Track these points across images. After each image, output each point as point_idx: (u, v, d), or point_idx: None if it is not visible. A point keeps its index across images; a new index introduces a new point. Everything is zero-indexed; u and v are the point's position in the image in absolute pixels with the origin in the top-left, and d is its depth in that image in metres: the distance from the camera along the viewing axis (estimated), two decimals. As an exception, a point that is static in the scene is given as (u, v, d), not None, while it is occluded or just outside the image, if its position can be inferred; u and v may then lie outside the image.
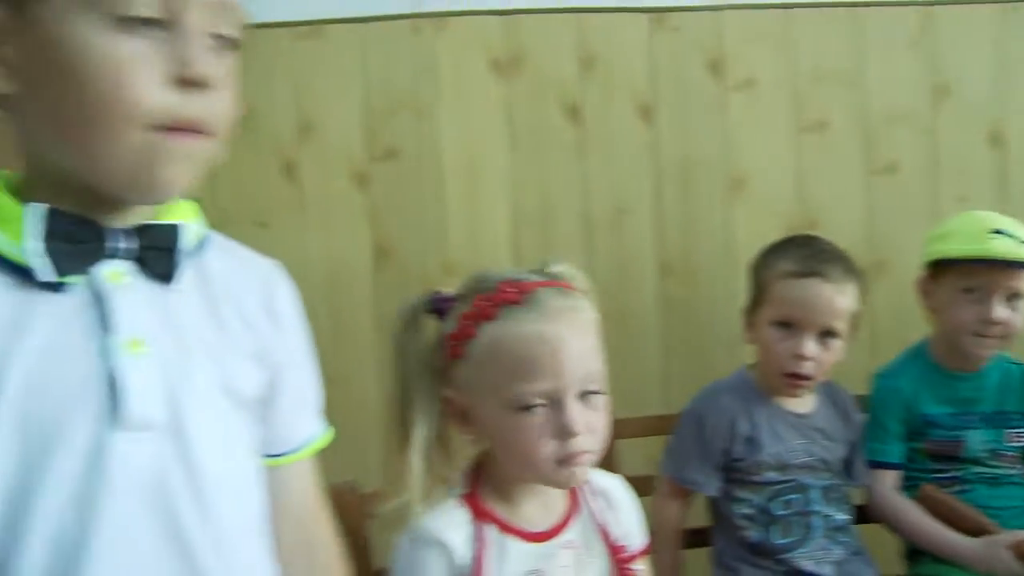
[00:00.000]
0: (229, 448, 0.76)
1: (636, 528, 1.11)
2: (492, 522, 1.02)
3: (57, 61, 0.66)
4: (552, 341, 0.97)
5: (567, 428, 0.96)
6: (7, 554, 0.66)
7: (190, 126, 0.69)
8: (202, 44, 0.69)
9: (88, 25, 0.66)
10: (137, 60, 0.66)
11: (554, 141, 1.97)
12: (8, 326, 0.67)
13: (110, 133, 0.67)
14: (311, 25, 2.00)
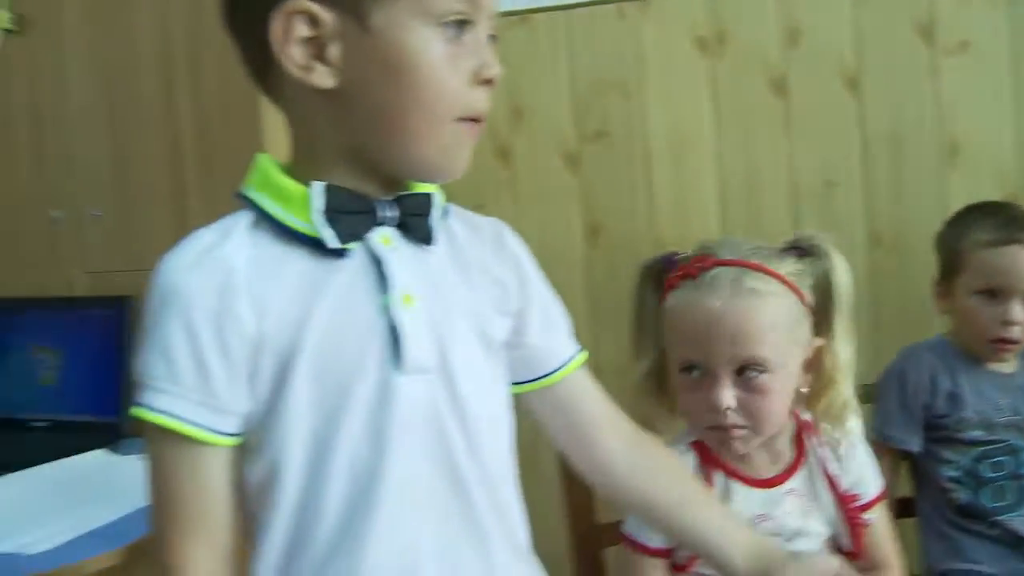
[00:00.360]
0: (486, 387, 0.86)
1: (869, 478, 1.17)
2: (719, 468, 1.12)
3: (392, 61, 0.76)
4: (706, 316, 1.08)
5: (712, 402, 1.08)
6: (315, 486, 0.78)
7: (480, 117, 0.81)
8: (489, 47, 0.80)
9: (420, 31, 0.76)
10: (455, 61, 0.77)
11: (760, 116, 1.99)
12: (309, 290, 0.78)
13: (432, 124, 0.78)
14: (520, 15, 2.11)
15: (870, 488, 1.17)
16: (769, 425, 1.10)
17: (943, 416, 1.50)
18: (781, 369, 1.09)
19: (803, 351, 1.12)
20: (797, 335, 1.11)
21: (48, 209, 1.94)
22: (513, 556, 0.88)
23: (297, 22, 0.75)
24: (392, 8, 0.75)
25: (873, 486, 1.18)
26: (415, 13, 0.76)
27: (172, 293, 0.76)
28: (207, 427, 0.77)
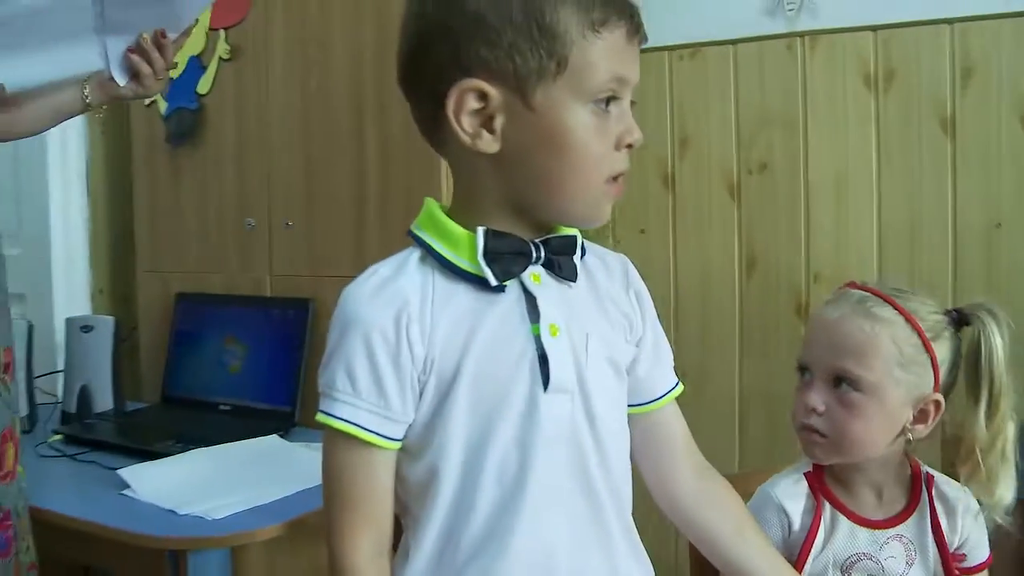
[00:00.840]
0: (614, 405, 0.96)
1: (978, 542, 1.16)
2: (829, 501, 1.15)
3: (550, 132, 0.86)
4: (823, 324, 1.15)
5: (804, 401, 1.14)
6: (468, 487, 0.88)
7: (621, 175, 0.91)
8: (631, 116, 0.90)
9: (575, 109, 0.86)
10: (603, 131, 0.87)
11: (926, 155, 1.97)
12: (470, 319, 0.89)
13: (583, 186, 0.88)
14: (689, 48, 2.17)
15: (977, 552, 1.17)
16: (850, 446, 1.12)
17: None
18: (876, 396, 1.11)
19: (911, 395, 1.12)
20: (907, 375, 1.12)
21: (245, 217, 2.16)
22: (631, 555, 0.97)
23: (470, 97, 0.86)
24: (552, 88, 0.85)
25: (981, 551, 1.17)
26: (572, 93, 0.86)
27: (355, 320, 0.88)
28: (380, 433, 0.88)
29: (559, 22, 0.84)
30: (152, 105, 2.28)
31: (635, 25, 0.89)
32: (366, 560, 0.89)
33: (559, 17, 0.84)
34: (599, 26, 0.85)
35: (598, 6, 0.85)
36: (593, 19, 0.85)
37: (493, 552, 0.88)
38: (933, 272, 1.98)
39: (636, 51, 0.90)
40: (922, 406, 1.13)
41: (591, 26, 0.85)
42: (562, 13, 0.84)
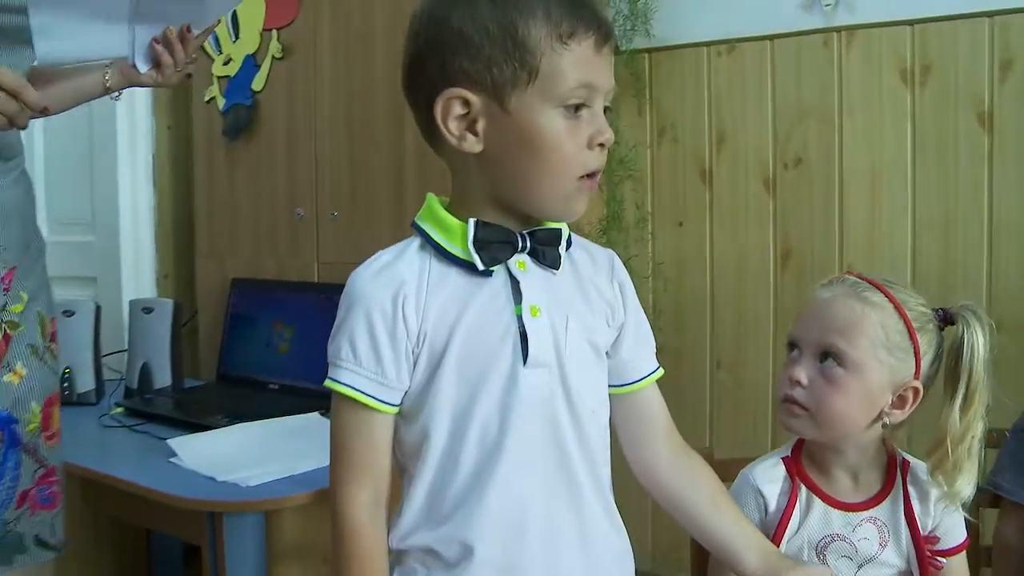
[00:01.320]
0: (591, 382, 1.04)
1: (953, 526, 1.19)
2: (805, 484, 1.19)
3: (524, 134, 0.95)
4: (815, 303, 1.20)
5: (789, 373, 1.17)
6: (454, 447, 0.97)
7: (595, 173, 0.98)
8: (603, 118, 0.97)
9: (546, 112, 0.94)
10: (574, 133, 0.95)
11: (962, 148, 1.97)
12: (460, 300, 0.98)
13: (555, 182, 0.96)
14: (727, 43, 2.21)
15: (952, 535, 1.20)
16: (829, 421, 1.15)
17: None
18: (859, 374, 1.14)
19: (892, 379, 1.16)
20: (890, 357, 1.15)
21: (295, 207, 2.28)
22: (606, 519, 1.05)
23: (455, 104, 0.95)
24: (524, 95, 0.94)
25: (956, 535, 1.20)
26: (543, 99, 0.94)
27: (358, 297, 0.98)
28: (377, 398, 0.98)
29: (530, 35, 0.93)
30: (211, 102, 2.42)
31: (603, 36, 0.96)
32: (363, 510, 0.98)
33: (530, 31, 0.93)
34: (567, 38, 0.93)
35: (565, 20, 0.93)
36: (561, 32, 0.93)
37: (471, 505, 0.97)
38: (968, 266, 1.98)
39: (605, 60, 0.97)
40: (901, 392, 1.16)
41: (559, 38, 0.93)
42: (532, 27, 0.93)
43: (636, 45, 2.25)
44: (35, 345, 1.45)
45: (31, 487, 1.43)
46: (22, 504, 1.42)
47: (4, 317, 1.40)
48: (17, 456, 1.41)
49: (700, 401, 2.24)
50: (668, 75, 2.30)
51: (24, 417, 1.42)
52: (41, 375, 1.45)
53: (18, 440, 1.41)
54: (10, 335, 1.41)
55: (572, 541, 1.01)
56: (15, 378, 1.41)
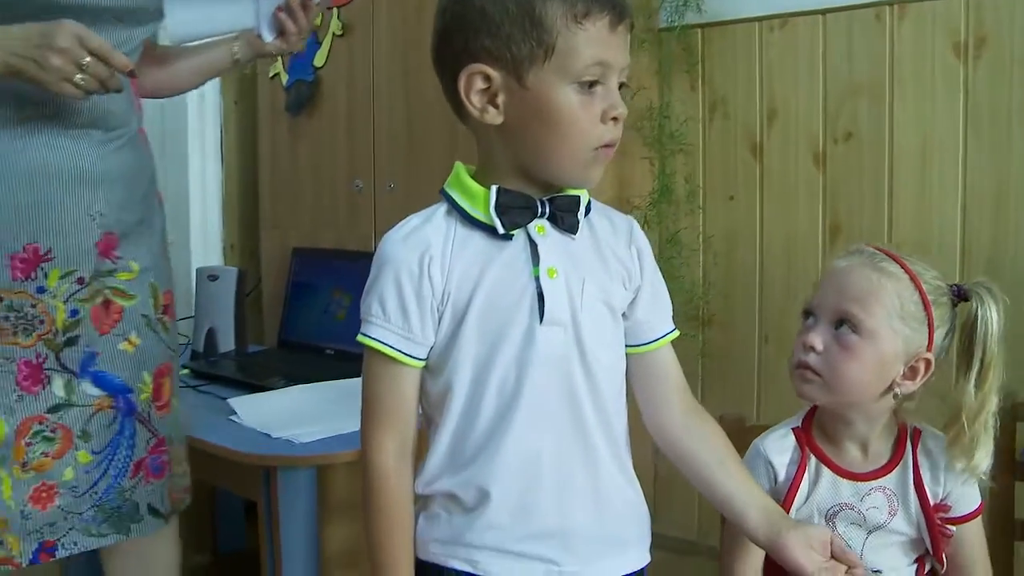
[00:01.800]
0: (606, 342, 1.10)
1: (964, 494, 1.22)
2: (814, 454, 1.22)
3: (541, 108, 1.01)
4: (833, 271, 1.24)
5: (804, 339, 1.21)
6: (475, 398, 1.05)
7: (611, 144, 1.04)
8: (617, 93, 1.03)
9: (561, 87, 1.01)
10: (588, 107, 1.02)
11: (1016, 124, 1.94)
12: (482, 261, 1.05)
13: (571, 152, 1.03)
14: (779, 18, 2.21)
15: (963, 503, 1.22)
16: (841, 386, 1.19)
17: None
18: (872, 341, 1.18)
19: (905, 349, 1.19)
20: (904, 327, 1.18)
21: (354, 179, 2.36)
22: (618, 472, 1.11)
23: (477, 79, 1.02)
24: (541, 71, 1.01)
25: (968, 502, 1.23)
26: (558, 75, 1.01)
27: (388, 259, 1.06)
28: (404, 352, 1.06)
29: (547, 15, 0.99)
30: (275, 78, 2.51)
31: (617, 15, 1.01)
32: (391, 457, 1.06)
33: (547, 10, 0.99)
34: (582, 18, 0.99)
35: (581, 1, 0.99)
36: (576, 12, 0.99)
37: (490, 451, 1.05)
38: (1019, 244, 1.96)
39: (621, 38, 1.03)
40: (913, 363, 1.19)
41: (575, 18, 0.99)
42: (549, 7, 0.99)
43: (688, 21, 2.27)
44: (148, 315, 1.51)
45: (144, 456, 1.49)
46: (136, 473, 1.48)
47: (108, 283, 1.46)
48: (133, 425, 1.48)
49: (748, 373, 2.26)
50: (720, 51, 2.31)
51: (137, 386, 1.48)
52: (152, 344, 1.51)
53: (133, 409, 1.48)
54: (120, 305, 1.46)
55: (585, 490, 1.08)
56: (129, 347, 1.47)
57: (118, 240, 1.46)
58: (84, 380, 1.43)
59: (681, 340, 1.18)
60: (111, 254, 1.46)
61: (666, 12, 2.28)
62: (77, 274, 1.41)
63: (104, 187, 1.43)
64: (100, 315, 1.44)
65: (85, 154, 1.41)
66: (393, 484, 1.06)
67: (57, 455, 1.41)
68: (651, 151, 2.30)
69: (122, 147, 1.47)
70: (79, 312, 1.42)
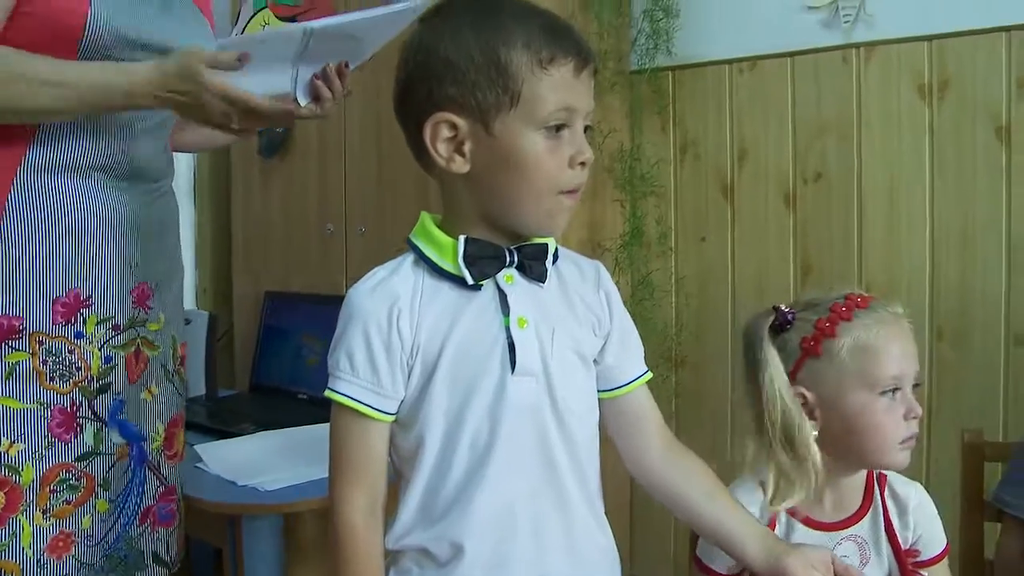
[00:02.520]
0: (578, 390, 1.08)
1: (932, 535, 1.21)
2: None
3: (508, 155, 1.00)
4: (899, 336, 1.19)
5: (913, 410, 1.17)
6: (447, 453, 1.03)
7: (576, 189, 1.04)
8: (583, 138, 1.03)
9: (527, 133, 1.00)
10: (554, 152, 1.01)
11: (980, 164, 1.97)
12: (452, 313, 1.04)
13: (537, 199, 1.02)
14: (748, 60, 2.24)
15: (932, 545, 1.21)
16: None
17: None
18: None
19: None
20: None
21: (326, 223, 2.36)
22: (591, 519, 1.09)
23: (443, 127, 1.01)
24: (507, 118, 1.00)
25: (936, 543, 1.22)
26: (524, 121, 1.00)
27: (356, 312, 1.04)
28: (374, 407, 1.03)
29: (512, 62, 0.98)
30: (249, 121, 2.51)
31: (582, 61, 1.01)
32: (360, 514, 1.03)
33: (512, 57, 0.98)
34: (547, 64, 0.99)
35: (545, 47, 0.99)
36: (541, 58, 0.99)
37: (463, 504, 1.02)
38: (986, 280, 1.98)
39: (584, 84, 1.02)
40: None
41: (539, 64, 0.99)
42: (514, 54, 0.98)
43: (659, 64, 2.30)
44: (167, 366, 1.52)
45: (153, 504, 1.49)
46: (144, 520, 1.48)
47: (141, 332, 1.46)
48: (143, 472, 1.47)
49: (722, 415, 2.26)
50: (691, 93, 2.33)
51: (151, 435, 1.48)
52: (169, 395, 1.52)
53: (145, 457, 1.48)
54: (147, 355, 1.48)
55: (559, 541, 1.06)
56: (149, 396, 1.48)
57: (152, 291, 1.48)
58: (112, 429, 1.44)
59: (654, 382, 1.17)
60: (145, 304, 1.47)
61: (637, 55, 2.32)
62: (113, 321, 1.43)
63: (143, 238, 1.45)
64: (132, 363, 1.46)
65: (129, 204, 1.43)
66: (363, 540, 1.04)
67: (79, 503, 1.40)
68: (622, 193, 2.32)
69: (159, 198, 1.50)
70: (112, 359, 1.43)
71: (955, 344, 2.01)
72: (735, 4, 2.23)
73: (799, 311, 1.24)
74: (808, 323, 1.21)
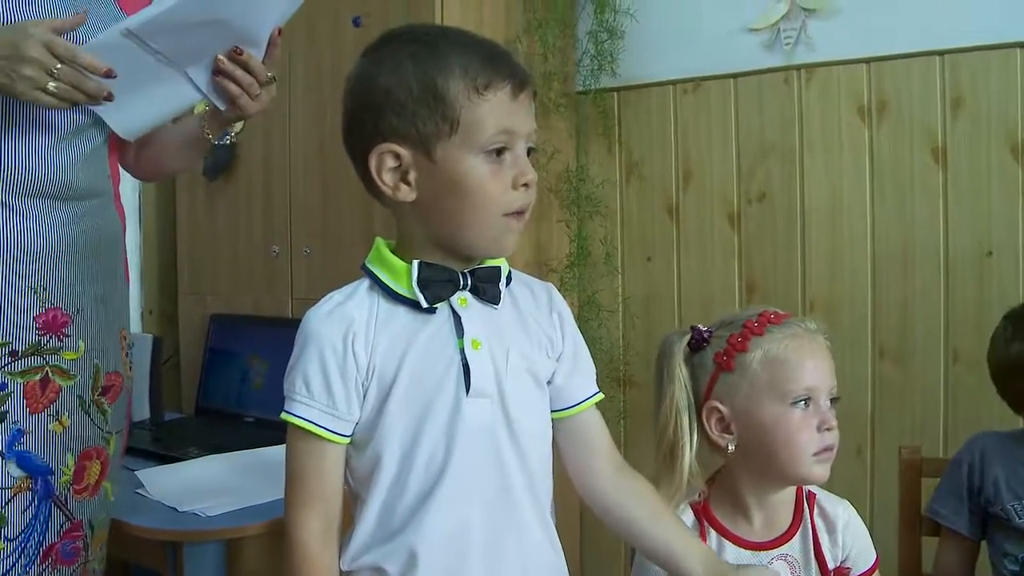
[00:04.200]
0: (532, 410, 1.10)
1: (862, 552, 1.23)
2: (713, 527, 1.22)
3: (452, 181, 1.02)
4: (812, 349, 1.21)
5: (826, 421, 1.18)
6: (403, 473, 1.03)
7: (522, 211, 1.05)
8: (525, 159, 1.04)
9: (469, 158, 1.01)
10: (497, 175, 1.02)
11: (918, 183, 2.01)
12: (406, 336, 1.04)
13: (485, 222, 1.03)
14: (692, 82, 2.27)
15: (862, 561, 1.23)
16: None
17: (991, 503, 1.47)
18: None
19: None
20: None
21: (271, 244, 2.34)
22: (544, 538, 1.10)
23: (387, 158, 1.03)
24: (448, 145, 1.01)
25: (866, 560, 1.23)
26: (465, 147, 1.01)
27: (311, 336, 1.05)
28: (329, 429, 1.03)
29: (449, 90, 1.00)
30: (194, 142, 2.49)
31: (519, 84, 1.03)
32: (315, 537, 1.04)
33: (449, 85, 1.00)
34: (483, 89, 1.00)
35: (481, 73, 1.00)
36: (477, 84, 1.00)
37: (418, 522, 1.03)
38: (925, 298, 2.02)
39: (523, 106, 1.04)
40: None
41: (476, 90, 1.00)
42: (451, 82, 1.00)
43: (603, 84, 2.32)
44: (83, 397, 1.43)
45: (56, 542, 1.41)
46: (46, 560, 1.40)
47: (51, 360, 1.39)
48: (48, 508, 1.40)
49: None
50: (635, 113, 2.36)
51: (59, 469, 1.40)
52: (83, 427, 1.43)
53: (51, 491, 1.40)
54: (58, 385, 1.40)
55: (513, 558, 1.07)
56: (59, 427, 1.40)
57: (70, 318, 1.40)
58: (9, 460, 1.35)
59: (602, 402, 1.18)
60: (58, 331, 1.40)
61: (582, 76, 2.33)
62: (10, 347, 1.36)
63: (56, 261, 1.38)
64: (35, 392, 1.38)
65: (37, 225, 1.36)
66: (318, 564, 1.04)
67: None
68: (568, 214, 2.33)
69: (85, 218, 1.41)
70: (7, 386, 1.35)
71: (897, 362, 2.04)
72: (679, 25, 2.26)
73: (715, 329, 1.27)
74: (722, 339, 1.25)
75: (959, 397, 1.97)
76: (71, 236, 1.40)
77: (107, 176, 1.47)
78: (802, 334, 1.21)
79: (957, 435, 1.95)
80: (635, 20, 2.27)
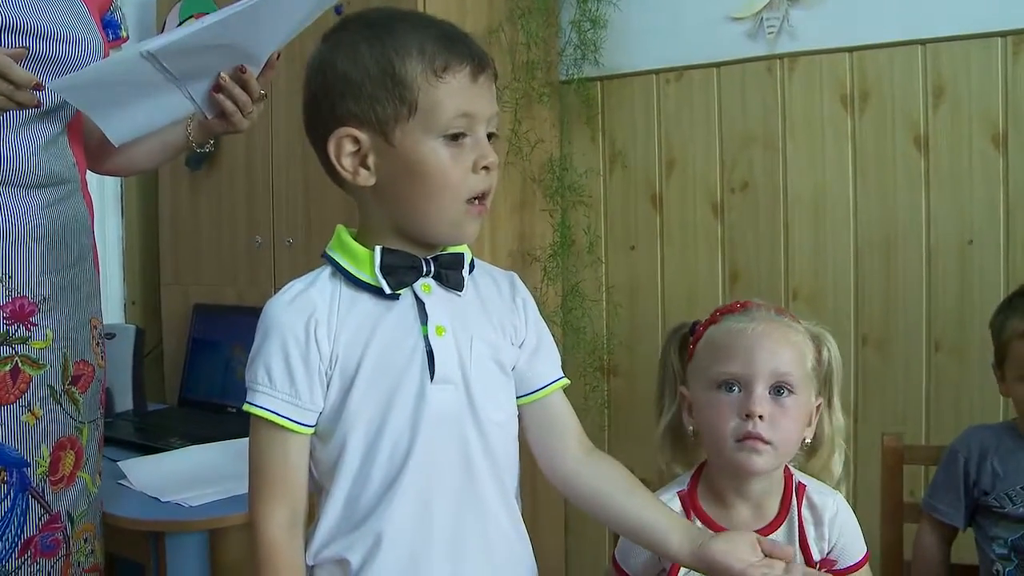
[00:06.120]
0: (496, 397, 1.09)
1: (851, 544, 1.22)
2: (699, 517, 1.21)
3: (410, 165, 1.01)
4: (750, 336, 1.19)
5: (748, 407, 1.16)
6: (367, 461, 1.03)
7: (483, 195, 1.04)
8: (486, 142, 1.03)
9: (428, 142, 1.01)
10: (457, 160, 1.02)
11: (900, 172, 2.02)
12: (370, 323, 1.04)
13: (443, 207, 1.02)
14: (675, 71, 2.26)
15: (851, 554, 1.23)
16: (788, 449, 1.19)
17: (988, 492, 1.49)
18: (800, 399, 1.18)
19: (811, 398, 1.21)
20: (812, 380, 1.21)
21: (254, 235, 2.33)
22: (510, 526, 1.10)
23: (345, 143, 1.02)
24: (407, 128, 1.00)
25: (854, 552, 1.23)
26: (424, 130, 1.00)
27: (273, 324, 1.03)
28: (292, 419, 1.02)
29: (407, 72, 0.99)
30: (176, 132, 2.48)
31: (478, 66, 1.02)
32: (280, 529, 1.02)
33: (406, 68, 0.99)
34: (441, 72, 1.00)
35: (439, 55, 1.00)
36: (435, 67, 0.99)
37: (380, 512, 1.02)
38: (908, 287, 2.02)
39: (483, 89, 1.03)
40: (811, 411, 1.22)
41: (434, 73, 0.99)
42: (408, 64, 0.99)
43: (586, 74, 2.32)
44: (53, 386, 1.41)
45: (35, 535, 1.39)
46: (24, 552, 1.38)
47: (20, 350, 1.38)
48: (25, 501, 1.38)
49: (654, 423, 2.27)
50: (619, 102, 2.36)
51: (34, 460, 1.39)
52: (55, 417, 1.41)
53: (27, 484, 1.38)
54: (28, 375, 1.38)
55: (477, 547, 1.06)
56: (32, 419, 1.39)
57: (36, 306, 1.39)
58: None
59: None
60: (25, 320, 1.38)
61: (565, 65, 2.33)
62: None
63: (19, 249, 1.37)
64: (6, 383, 1.36)
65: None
66: (284, 556, 1.03)
67: None
68: (551, 203, 2.33)
69: (53, 206, 1.40)
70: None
71: (879, 349, 2.05)
72: (661, 15, 2.25)
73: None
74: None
75: (941, 384, 1.98)
76: (36, 224, 1.38)
77: (72, 164, 1.46)
78: (756, 321, 1.20)
79: (939, 422, 1.97)
80: (618, 9, 2.26)
